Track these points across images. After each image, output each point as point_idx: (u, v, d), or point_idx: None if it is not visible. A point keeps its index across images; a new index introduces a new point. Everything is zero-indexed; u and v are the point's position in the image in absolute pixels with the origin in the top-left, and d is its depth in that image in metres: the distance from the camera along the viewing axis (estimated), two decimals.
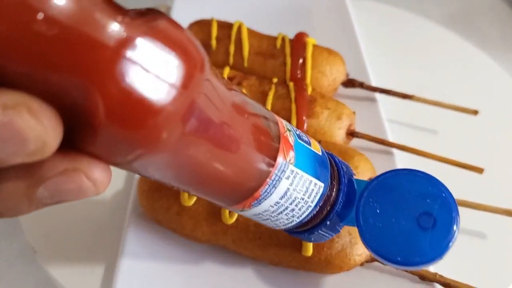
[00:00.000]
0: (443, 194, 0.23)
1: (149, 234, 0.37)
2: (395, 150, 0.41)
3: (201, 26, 0.47)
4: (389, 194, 0.24)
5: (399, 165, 0.41)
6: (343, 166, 0.26)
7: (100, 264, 0.37)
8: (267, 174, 0.22)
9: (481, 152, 0.43)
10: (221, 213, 0.34)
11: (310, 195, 0.23)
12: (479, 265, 0.37)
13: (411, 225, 0.23)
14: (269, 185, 0.22)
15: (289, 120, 0.40)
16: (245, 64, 0.45)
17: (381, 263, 0.27)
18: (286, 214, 0.24)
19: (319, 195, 0.24)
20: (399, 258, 0.23)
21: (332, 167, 0.25)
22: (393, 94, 0.44)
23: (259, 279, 0.35)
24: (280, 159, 0.22)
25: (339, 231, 0.27)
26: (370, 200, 0.24)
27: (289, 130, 0.23)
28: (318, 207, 0.24)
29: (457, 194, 0.36)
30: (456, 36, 0.56)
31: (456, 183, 0.41)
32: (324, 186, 0.24)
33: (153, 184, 0.36)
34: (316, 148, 0.25)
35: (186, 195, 0.35)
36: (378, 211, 0.24)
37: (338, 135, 0.40)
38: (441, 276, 0.33)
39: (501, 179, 0.42)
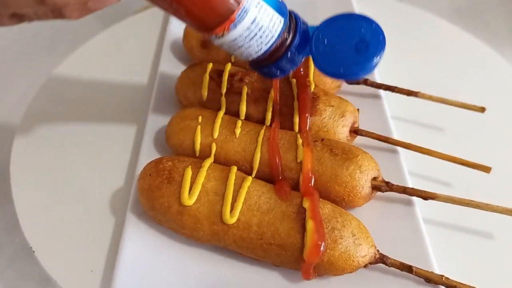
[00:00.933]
0: (373, 26, 0.32)
1: (149, 233, 0.37)
2: (400, 148, 0.40)
3: None
4: (334, 30, 0.33)
5: (404, 164, 0.40)
6: (300, 18, 0.34)
7: (100, 263, 0.37)
8: (239, 1, 0.30)
9: (489, 151, 0.42)
10: (222, 213, 0.34)
11: (273, 25, 0.32)
12: (486, 267, 0.36)
13: (350, 49, 0.32)
14: (242, 10, 0.30)
15: (292, 117, 0.39)
16: None
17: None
18: (256, 41, 0.31)
19: (280, 27, 0.32)
20: (341, 70, 0.32)
21: (290, 16, 0.33)
22: (398, 91, 0.44)
23: (260, 280, 0.34)
24: None
25: (298, 64, 0.35)
26: (320, 35, 0.34)
27: None
28: (280, 39, 0.32)
29: (464, 194, 0.36)
30: (463, 31, 0.55)
31: (463, 183, 0.40)
32: (284, 22, 0.32)
33: (154, 183, 0.36)
34: None
35: (186, 194, 0.34)
36: (326, 42, 0.33)
37: (342, 132, 0.40)
38: (447, 278, 0.32)
39: (510, 178, 0.41)
